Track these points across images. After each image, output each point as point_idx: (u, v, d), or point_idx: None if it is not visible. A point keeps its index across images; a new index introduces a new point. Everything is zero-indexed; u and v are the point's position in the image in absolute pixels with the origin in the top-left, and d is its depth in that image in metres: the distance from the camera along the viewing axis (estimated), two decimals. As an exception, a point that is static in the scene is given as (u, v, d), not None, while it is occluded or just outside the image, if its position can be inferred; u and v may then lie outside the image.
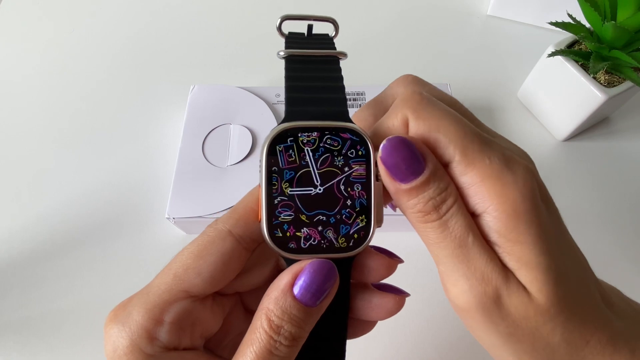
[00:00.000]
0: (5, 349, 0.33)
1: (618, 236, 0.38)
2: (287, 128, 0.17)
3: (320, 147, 0.17)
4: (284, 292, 0.16)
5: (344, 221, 0.17)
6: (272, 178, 0.17)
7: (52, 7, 0.54)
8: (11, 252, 0.37)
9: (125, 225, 0.39)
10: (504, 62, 0.49)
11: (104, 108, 0.46)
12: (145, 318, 0.16)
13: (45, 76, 0.48)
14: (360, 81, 0.47)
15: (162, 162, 0.42)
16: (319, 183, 0.17)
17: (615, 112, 0.45)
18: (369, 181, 0.17)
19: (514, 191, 0.15)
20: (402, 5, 0.54)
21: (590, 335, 0.16)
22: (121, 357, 0.16)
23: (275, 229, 0.17)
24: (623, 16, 0.34)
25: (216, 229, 0.17)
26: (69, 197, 0.40)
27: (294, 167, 0.17)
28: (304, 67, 0.19)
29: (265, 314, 0.16)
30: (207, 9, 0.54)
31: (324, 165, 0.17)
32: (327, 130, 0.17)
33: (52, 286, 0.36)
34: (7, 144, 0.44)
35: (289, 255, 0.17)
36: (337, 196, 0.17)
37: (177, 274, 0.17)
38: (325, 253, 0.17)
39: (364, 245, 0.17)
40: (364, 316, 0.19)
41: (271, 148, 0.17)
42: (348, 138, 0.17)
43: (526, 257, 0.15)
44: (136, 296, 0.17)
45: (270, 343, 0.15)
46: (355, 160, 0.17)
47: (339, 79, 0.19)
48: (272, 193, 0.17)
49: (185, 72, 0.49)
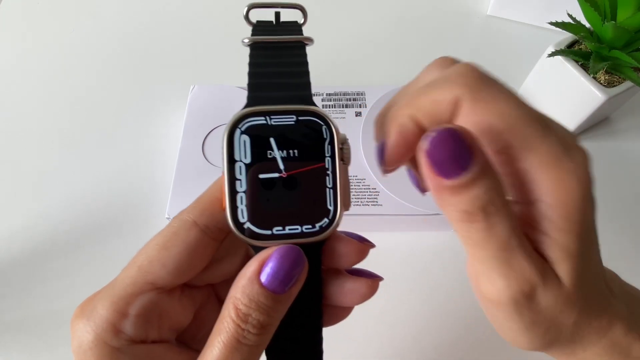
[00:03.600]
0: (5, 349, 0.33)
1: (618, 236, 0.38)
2: (247, 113, 0.17)
3: (283, 132, 0.17)
4: (250, 280, 0.15)
5: (312, 206, 0.17)
6: (234, 165, 0.17)
7: (52, 7, 0.54)
8: (11, 252, 0.37)
9: (125, 225, 0.39)
10: (504, 62, 0.49)
11: (103, 108, 0.46)
12: (110, 311, 0.16)
13: (45, 76, 0.48)
14: (360, 81, 0.47)
15: (162, 162, 0.42)
16: (283, 168, 0.17)
17: (616, 112, 0.45)
18: (334, 164, 0.17)
19: (573, 180, 0.15)
20: (402, 6, 0.54)
21: (596, 318, 0.16)
22: (86, 351, 0.16)
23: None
24: (623, 16, 0.34)
25: (180, 219, 0.17)
26: (69, 197, 0.40)
27: (256, 153, 0.17)
28: (267, 54, 0.18)
29: (233, 302, 0.15)
30: (207, 9, 0.54)
31: (288, 150, 0.17)
32: (290, 113, 0.17)
33: (52, 286, 0.36)
34: (7, 144, 0.44)
35: (256, 243, 0.17)
36: (303, 181, 0.17)
37: (142, 266, 0.17)
38: (292, 239, 0.17)
39: (331, 230, 0.17)
40: (337, 302, 0.18)
41: (232, 133, 0.17)
42: (312, 121, 0.17)
43: (572, 247, 0.15)
44: (102, 290, 0.17)
45: (238, 332, 0.15)
46: (320, 143, 0.17)
47: (303, 63, 0.18)
48: (235, 181, 0.16)
49: (185, 72, 0.49)
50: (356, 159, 0.37)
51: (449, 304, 0.35)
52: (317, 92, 0.40)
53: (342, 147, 0.17)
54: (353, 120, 0.39)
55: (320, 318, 0.18)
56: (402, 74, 0.50)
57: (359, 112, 0.39)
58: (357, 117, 0.39)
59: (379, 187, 0.35)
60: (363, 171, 0.36)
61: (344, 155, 0.17)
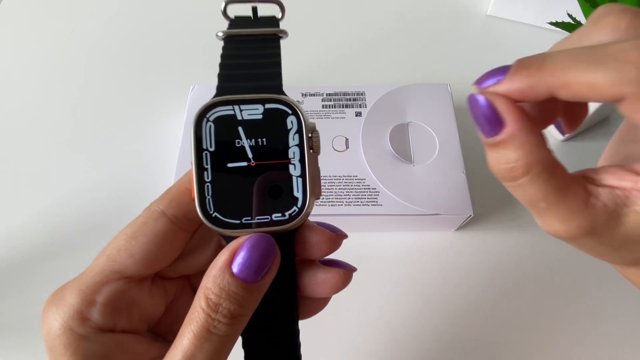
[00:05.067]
0: (5, 349, 0.33)
1: (618, 236, 0.38)
2: (215, 102, 0.17)
3: (252, 120, 0.17)
4: (221, 270, 0.15)
5: (281, 194, 0.17)
6: (202, 154, 0.17)
7: (52, 7, 0.54)
8: (11, 252, 0.37)
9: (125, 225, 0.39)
10: (504, 62, 0.49)
11: (103, 108, 0.46)
12: (77, 300, 0.16)
13: (45, 76, 0.48)
14: (360, 81, 0.47)
15: (162, 162, 0.42)
16: (252, 157, 0.17)
17: (615, 112, 0.45)
18: (303, 153, 0.17)
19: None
20: (402, 5, 0.54)
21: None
22: (54, 338, 0.16)
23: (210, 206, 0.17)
24: (623, 16, 0.34)
25: (149, 210, 0.17)
26: (69, 197, 0.40)
27: (224, 142, 0.17)
28: (240, 47, 0.18)
29: (204, 292, 0.15)
30: (207, 9, 0.54)
31: (257, 138, 0.17)
32: (258, 102, 0.17)
33: (52, 286, 0.36)
34: (7, 144, 0.44)
35: (226, 232, 0.17)
36: (271, 169, 0.17)
37: (110, 255, 0.17)
38: (262, 227, 0.17)
39: (301, 218, 0.17)
40: (311, 293, 0.18)
41: (200, 122, 0.17)
42: (280, 110, 0.17)
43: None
44: (71, 280, 0.17)
45: (209, 321, 0.15)
46: (288, 131, 0.17)
47: (275, 55, 0.18)
48: (202, 170, 0.16)
49: (185, 72, 0.49)
50: (356, 159, 0.37)
51: (448, 304, 0.35)
52: (317, 92, 0.40)
53: (310, 135, 0.17)
54: (353, 120, 0.38)
55: (295, 309, 0.18)
56: (402, 74, 0.50)
57: (359, 112, 0.39)
58: (357, 117, 0.39)
59: (379, 187, 0.35)
60: (363, 171, 0.36)
61: (313, 143, 0.17)
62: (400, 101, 0.40)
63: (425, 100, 0.40)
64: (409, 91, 0.40)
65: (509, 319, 0.35)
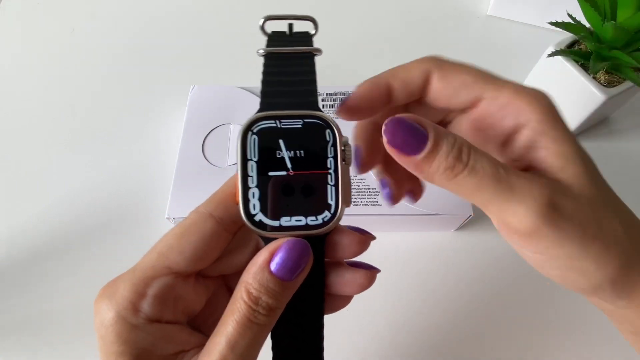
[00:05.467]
0: (5, 349, 0.33)
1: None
2: (259, 117, 0.19)
3: (291, 134, 0.19)
4: (261, 268, 0.17)
5: (315, 201, 0.19)
6: (247, 163, 0.19)
7: (52, 7, 0.54)
8: (11, 252, 0.37)
9: (125, 225, 0.39)
10: (504, 62, 0.49)
11: (103, 108, 0.46)
12: (130, 292, 0.18)
13: (45, 76, 0.48)
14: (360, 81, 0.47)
15: (162, 162, 0.42)
16: (291, 167, 0.19)
17: (615, 112, 0.45)
18: (337, 164, 0.19)
19: (544, 99, 0.19)
20: (402, 5, 0.54)
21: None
22: (107, 327, 0.17)
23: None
24: (623, 16, 0.34)
25: (198, 212, 0.19)
26: (69, 197, 0.40)
27: (266, 153, 0.19)
28: (279, 63, 0.20)
29: (245, 286, 0.17)
30: (207, 9, 0.54)
31: (295, 150, 0.19)
32: (297, 117, 0.19)
33: (52, 286, 0.36)
34: (7, 144, 0.44)
35: (265, 234, 0.18)
36: (308, 178, 0.19)
37: (161, 252, 0.18)
38: (298, 231, 0.19)
39: (333, 223, 0.19)
40: (338, 291, 0.20)
41: (246, 135, 0.19)
42: (317, 125, 0.19)
43: (570, 152, 0.18)
44: (123, 274, 0.18)
45: (250, 312, 0.17)
46: (324, 145, 0.19)
47: (311, 72, 0.20)
48: (247, 177, 0.19)
49: (185, 72, 0.49)
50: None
51: (448, 304, 0.35)
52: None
53: (343, 148, 0.19)
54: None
55: (322, 305, 0.20)
56: (402, 74, 0.50)
57: (359, 112, 0.39)
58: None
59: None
60: (363, 171, 0.36)
61: (345, 156, 0.19)
62: (400, 101, 0.40)
63: (425, 100, 0.40)
64: (409, 91, 0.40)
65: (508, 318, 0.35)
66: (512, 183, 0.17)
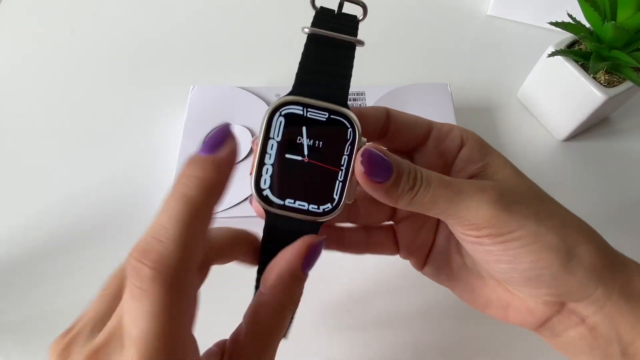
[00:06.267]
0: (5, 349, 0.33)
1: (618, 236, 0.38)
2: (289, 101, 0.19)
3: (315, 124, 0.19)
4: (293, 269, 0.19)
5: (321, 191, 0.20)
6: (268, 140, 0.19)
7: (52, 7, 0.54)
8: (11, 252, 0.37)
9: (125, 225, 0.39)
10: (504, 62, 0.49)
11: (103, 108, 0.46)
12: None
13: (45, 76, 0.48)
14: (360, 81, 0.47)
15: (162, 162, 0.42)
16: (307, 154, 0.20)
17: (615, 112, 0.45)
18: (350, 163, 0.20)
19: (472, 131, 0.23)
20: (402, 5, 0.54)
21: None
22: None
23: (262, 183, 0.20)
24: (623, 16, 0.34)
25: None
26: (69, 198, 0.40)
27: (288, 136, 0.19)
28: (320, 48, 0.20)
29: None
30: (207, 9, 0.54)
31: (315, 140, 0.20)
32: (324, 110, 0.19)
33: (52, 286, 0.36)
34: (7, 144, 0.44)
35: (270, 209, 0.20)
36: (320, 169, 0.20)
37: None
38: (299, 214, 0.20)
39: (332, 215, 0.20)
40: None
41: (272, 115, 0.19)
42: (341, 122, 0.20)
43: (499, 160, 0.22)
44: None
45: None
46: (342, 142, 0.20)
47: (348, 66, 0.20)
48: (265, 154, 0.19)
49: (185, 72, 0.49)
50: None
51: (449, 303, 0.35)
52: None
53: (358, 151, 0.20)
54: (353, 120, 0.39)
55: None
56: (402, 74, 0.50)
57: (359, 112, 0.39)
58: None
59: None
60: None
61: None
62: (400, 101, 0.40)
63: (425, 100, 0.40)
64: (409, 91, 0.40)
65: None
66: (459, 186, 0.20)
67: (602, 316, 0.20)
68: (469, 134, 0.23)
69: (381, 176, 0.19)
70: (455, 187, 0.20)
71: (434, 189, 0.19)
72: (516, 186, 0.21)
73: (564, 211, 0.21)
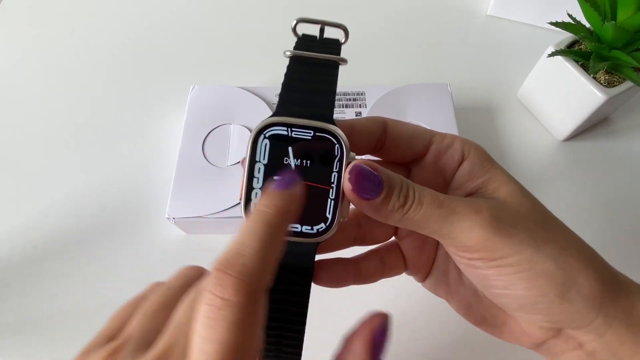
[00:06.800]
0: (5, 349, 0.33)
1: (618, 236, 0.38)
2: (273, 122, 0.19)
3: (301, 143, 0.19)
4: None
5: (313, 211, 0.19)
6: (255, 164, 0.19)
7: (52, 7, 0.54)
8: (11, 252, 0.37)
9: (125, 225, 0.39)
10: (504, 62, 0.49)
11: (103, 108, 0.46)
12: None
13: (45, 76, 0.48)
14: (360, 81, 0.47)
15: (162, 162, 0.42)
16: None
17: (615, 112, 0.45)
18: (340, 180, 0.19)
19: (475, 143, 0.22)
20: (401, 5, 0.54)
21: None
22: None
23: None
24: (623, 16, 0.34)
25: None
26: (69, 198, 0.40)
27: (274, 158, 0.19)
28: (303, 69, 0.20)
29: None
30: (207, 9, 0.54)
31: (302, 160, 0.19)
32: (309, 128, 0.19)
33: (52, 286, 0.36)
34: (7, 144, 0.44)
35: None
36: (310, 188, 0.19)
37: None
38: (293, 237, 0.19)
39: (326, 235, 0.19)
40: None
41: (256, 138, 0.19)
42: (327, 138, 0.19)
43: (501, 177, 0.21)
44: None
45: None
46: (331, 159, 0.19)
47: (332, 82, 0.20)
48: (253, 178, 0.19)
49: (185, 72, 0.49)
50: (356, 159, 0.37)
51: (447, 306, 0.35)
52: (317, 92, 0.40)
53: (347, 166, 0.19)
54: (353, 120, 0.39)
55: (305, 310, 0.20)
56: (402, 74, 0.50)
57: (359, 112, 0.39)
58: (357, 117, 0.39)
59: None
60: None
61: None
62: (400, 101, 0.40)
63: (425, 100, 0.40)
64: (409, 91, 0.40)
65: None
66: (453, 206, 0.19)
67: (601, 343, 0.20)
68: (471, 147, 0.22)
69: (371, 192, 0.18)
70: (449, 207, 0.19)
71: (425, 207, 0.19)
72: (517, 205, 0.20)
73: (564, 234, 0.20)
